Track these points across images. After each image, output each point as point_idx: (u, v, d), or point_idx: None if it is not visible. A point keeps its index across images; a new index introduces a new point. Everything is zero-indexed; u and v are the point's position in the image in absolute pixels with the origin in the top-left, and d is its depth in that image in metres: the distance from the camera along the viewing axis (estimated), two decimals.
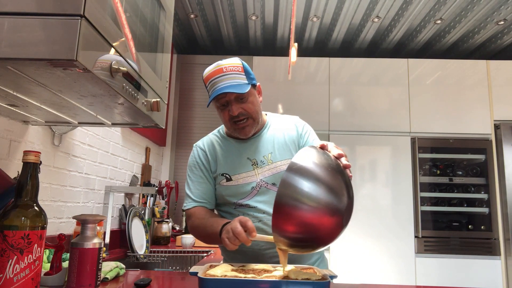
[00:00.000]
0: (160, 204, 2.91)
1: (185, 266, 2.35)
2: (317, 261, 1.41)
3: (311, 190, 0.88)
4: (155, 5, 1.30)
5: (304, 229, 0.90)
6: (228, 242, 1.10)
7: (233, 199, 1.36)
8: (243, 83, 1.30)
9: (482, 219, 3.17)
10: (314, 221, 0.88)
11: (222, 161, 1.39)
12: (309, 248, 0.97)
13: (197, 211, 1.36)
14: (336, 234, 0.93)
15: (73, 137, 1.91)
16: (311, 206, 0.88)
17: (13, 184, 1.17)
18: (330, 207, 0.89)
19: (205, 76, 1.34)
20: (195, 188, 1.39)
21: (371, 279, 3.06)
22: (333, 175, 0.93)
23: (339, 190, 0.92)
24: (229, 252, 1.34)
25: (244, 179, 1.35)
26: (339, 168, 0.96)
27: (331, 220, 0.89)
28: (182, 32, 3.50)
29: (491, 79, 3.35)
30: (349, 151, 3.28)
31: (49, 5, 0.79)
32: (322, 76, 3.45)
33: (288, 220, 0.89)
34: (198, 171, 1.40)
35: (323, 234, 0.91)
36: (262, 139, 1.41)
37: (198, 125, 3.54)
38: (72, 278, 1.05)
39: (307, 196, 0.88)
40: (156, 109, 1.22)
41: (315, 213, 0.88)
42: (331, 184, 0.91)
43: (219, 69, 1.30)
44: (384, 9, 2.98)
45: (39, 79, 0.92)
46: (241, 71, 1.32)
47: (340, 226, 0.92)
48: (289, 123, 1.47)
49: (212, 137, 1.47)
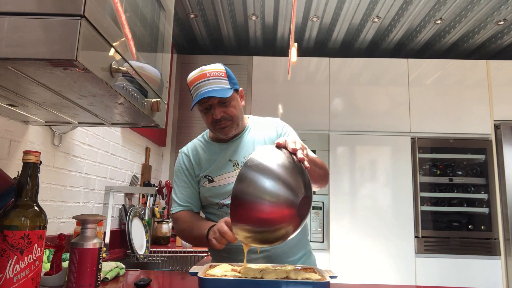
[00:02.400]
0: (160, 204, 2.91)
1: (185, 266, 2.35)
2: (302, 257, 1.44)
3: (266, 185, 0.92)
4: (155, 5, 1.30)
5: (259, 221, 0.93)
6: (215, 242, 1.17)
7: (215, 200, 1.40)
8: (225, 88, 1.34)
9: (482, 219, 3.17)
10: (268, 213, 0.92)
11: (205, 164, 1.44)
12: (269, 241, 1.00)
13: (182, 214, 1.42)
14: (290, 226, 0.96)
15: (73, 137, 1.91)
16: (266, 199, 0.92)
17: (13, 184, 1.17)
18: (283, 200, 0.92)
19: (189, 81, 1.39)
20: (180, 192, 1.45)
21: (371, 279, 3.06)
22: (286, 170, 0.96)
23: (293, 184, 0.94)
24: (215, 251, 1.42)
25: (226, 180, 1.39)
26: (294, 165, 0.99)
27: (284, 212, 0.93)
28: (182, 32, 3.50)
29: (491, 79, 3.35)
30: (349, 151, 3.28)
31: (49, 5, 0.79)
32: (322, 76, 3.45)
33: (244, 212, 0.94)
34: (183, 176, 1.46)
35: (278, 226, 0.94)
36: (242, 141, 1.45)
37: (198, 125, 3.54)
38: (72, 278, 1.05)
39: (262, 190, 0.92)
40: (156, 109, 1.22)
41: (269, 206, 0.92)
42: (285, 179, 0.94)
43: (202, 74, 1.35)
44: (384, 9, 2.98)
45: (39, 79, 0.91)
46: (224, 76, 1.36)
47: (295, 219, 0.95)
48: (269, 125, 1.51)
49: (196, 142, 1.53)
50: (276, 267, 1.12)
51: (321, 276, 1.01)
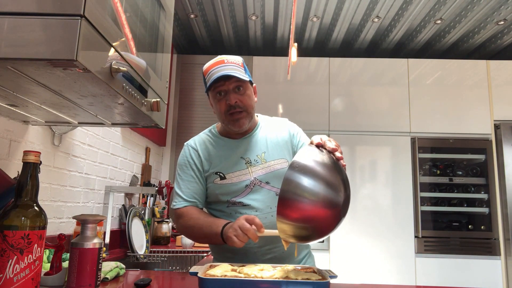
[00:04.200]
0: (160, 204, 2.91)
1: (185, 266, 2.35)
2: (304, 257, 1.45)
3: (311, 186, 0.96)
4: (155, 5, 1.30)
5: (305, 220, 0.98)
6: (236, 240, 1.15)
7: (226, 197, 1.37)
8: (242, 74, 1.35)
9: (482, 219, 3.17)
10: (314, 213, 0.96)
11: (215, 160, 1.40)
12: (310, 238, 1.03)
13: (189, 210, 1.37)
14: (333, 225, 0.99)
15: (73, 137, 1.91)
16: (311, 199, 0.96)
17: (13, 184, 1.17)
18: (328, 200, 0.97)
19: (205, 68, 1.38)
20: (185, 187, 1.40)
21: (371, 279, 3.06)
22: (330, 171, 1.00)
23: (337, 185, 0.99)
24: (220, 251, 1.40)
25: (238, 177, 1.36)
26: (335, 164, 1.03)
27: (329, 212, 0.97)
28: (182, 32, 3.50)
29: (491, 79, 3.35)
30: (349, 151, 3.28)
31: (49, 5, 0.79)
32: (322, 76, 3.45)
33: (291, 212, 0.97)
34: (189, 170, 1.41)
35: (322, 224, 0.99)
36: (254, 139, 1.43)
37: (198, 125, 3.54)
38: (72, 278, 1.05)
39: (307, 191, 0.96)
40: (156, 109, 1.22)
41: (315, 206, 0.96)
42: (329, 180, 0.98)
43: (220, 60, 1.35)
44: (384, 9, 2.99)
45: (39, 79, 0.92)
46: (241, 66, 1.37)
47: (338, 218, 0.99)
48: (280, 124, 1.51)
49: (204, 136, 1.48)
50: (276, 267, 1.12)
51: (321, 276, 1.01)
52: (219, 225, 1.25)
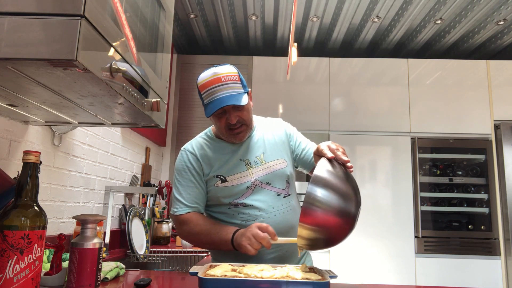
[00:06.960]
0: (160, 204, 2.91)
1: (185, 266, 2.35)
2: (303, 256, 1.48)
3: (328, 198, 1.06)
4: (155, 5, 1.30)
5: (324, 229, 1.06)
6: (250, 248, 1.19)
7: (228, 200, 1.37)
8: (241, 93, 1.31)
9: (482, 219, 3.17)
10: (332, 222, 1.05)
11: (215, 163, 1.39)
12: (325, 245, 1.11)
13: (193, 216, 1.36)
14: (347, 233, 1.10)
15: (73, 137, 1.91)
16: (330, 211, 1.05)
17: (13, 184, 1.17)
18: (344, 211, 1.07)
19: (200, 84, 1.32)
20: (186, 192, 1.38)
21: (371, 279, 3.06)
22: (344, 183, 1.10)
23: (351, 197, 1.09)
24: (221, 257, 1.40)
25: (239, 179, 1.37)
26: (348, 176, 1.14)
27: (344, 221, 1.07)
28: (182, 32, 3.50)
29: (491, 79, 3.35)
30: (349, 151, 3.28)
31: (49, 5, 0.79)
32: (322, 76, 3.45)
33: (313, 223, 1.05)
34: (189, 175, 1.39)
35: (338, 233, 1.08)
36: (252, 140, 1.44)
37: (198, 125, 3.54)
38: (72, 278, 1.05)
39: (326, 203, 1.05)
40: (156, 109, 1.22)
41: (333, 216, 1.05)
42: (344, 192, 1.08)
43: (217, 78, 1.29)
44: (384, 9, 2.98)
45: (39, 79, 0.92)
46: (237, 80, 1.32)
47: (352, 226, 1.09)
48: (276, 124, 1.52)
49: (201, 140, 1.46)
50: (276, 267, 1.12)
51: (321, 276, 1.01)
52: (228, 232, 1.26)
